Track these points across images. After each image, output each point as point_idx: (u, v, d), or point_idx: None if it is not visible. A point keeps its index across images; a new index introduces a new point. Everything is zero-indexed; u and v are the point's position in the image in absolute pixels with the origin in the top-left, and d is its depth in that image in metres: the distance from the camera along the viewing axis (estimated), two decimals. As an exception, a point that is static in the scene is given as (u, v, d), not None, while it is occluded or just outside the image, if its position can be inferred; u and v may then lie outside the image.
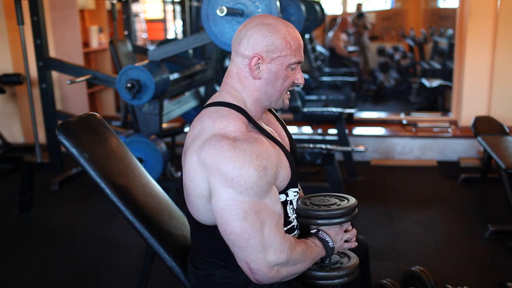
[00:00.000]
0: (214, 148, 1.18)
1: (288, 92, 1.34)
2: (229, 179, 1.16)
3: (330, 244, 1.34)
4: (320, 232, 1.35)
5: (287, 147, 1.40)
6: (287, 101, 1.35)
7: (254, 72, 1.27)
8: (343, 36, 7.90)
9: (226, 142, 1.18)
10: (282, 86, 1.30)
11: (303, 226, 1.43)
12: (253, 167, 1.16)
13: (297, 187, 1.37)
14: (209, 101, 1.34)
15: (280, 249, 1.20)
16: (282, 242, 1.21)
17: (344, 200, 1.42)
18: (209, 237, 1.31)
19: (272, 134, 1.33)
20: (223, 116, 1.24)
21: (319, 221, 1.35)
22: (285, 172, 1.28)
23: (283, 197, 1.32)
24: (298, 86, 1.36)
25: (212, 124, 1.23)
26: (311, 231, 1.38)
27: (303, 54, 1.31)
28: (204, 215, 1.28)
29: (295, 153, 1.45)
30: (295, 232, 1.39)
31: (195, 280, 1.40)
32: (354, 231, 1.43)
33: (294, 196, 1.36)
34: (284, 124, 1.49)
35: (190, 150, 1.24)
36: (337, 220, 1.35)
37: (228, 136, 1.20)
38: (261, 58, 1.26)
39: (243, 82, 1.30)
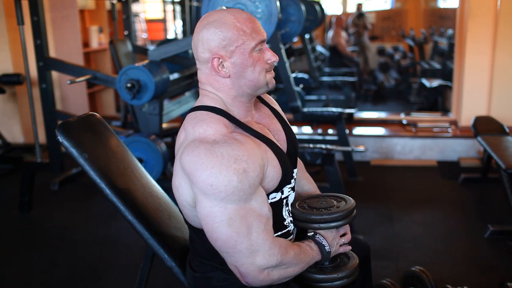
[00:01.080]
0: (192, 155, 1.16)
1: (271, 71, 1.28)
2: (209, 185, 1.14)
3: (327, 248, 1.32)
4: (317, 236, 1.34)
5: (283, 142, 1.35)
6: (273, 81, 1.29)
7: (220, 72, 1.24)
8: (343, 34, 7.90)
9: (203, 148, 1.16)
10: (254, 73, 1.24)
11: (300, 230, 1.42)
12: (232, 171, 1.13)
13: (291, 183, 1.33)
14: (191, 108, 1.33)
15: (269, 253, 1.18)
16: (272, 245, 1.19)
17: (341, 201, 1.39)
18: (204, 240, 1.30)
19: (261, 132, 1.29)
20: (202, 120, 1.22)
21: (317, 225, 1.33)
22: (274, 171, 1.25)
23: (278, 195, 1.29)
24: (274, 63, 1.30)
25: (192, 129, 1.22)
26: (308, 234, 1.36)
27: (263, 32, 1.26)
28: (194, 221, 1.28)
29: (295, 148, 1.39)
30: (291, 236, 1.37)
31: (193, 282, 1.40)
32: (349, 236, 1.40)
33: (288, 192, 1.33)
34: (282, 117, 1.43)
35: (176, 158, 1.24)
36: (336, 224, 1.33)
37: (207, 140, 1.18)
38: (221, 56, 1.22)
39: (215, 85, 1.27)
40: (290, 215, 1.37)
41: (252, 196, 1.18)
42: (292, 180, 1.35)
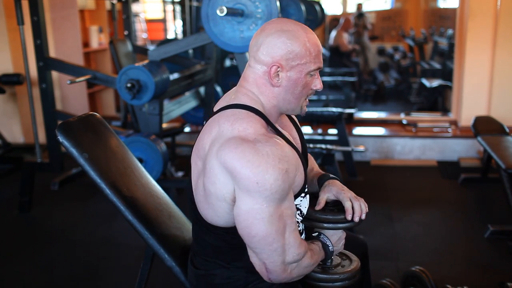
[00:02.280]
0: (235, 152, 1.15)
1: (307, 100, 1.32)
2: (254, 183, 1.14)
3: (330, 248, 1.35)
4: (322, 236, 1.36)
5: (300, 150, 1.38)
6: (305, 108, 1.33)
7: (273, 80, 1.25)
8: (346, 36, 7.91)
9: (247, 146, 1.16)
10: (301, 93, 1.27)
11: (308, 229, 1.43)
12: (277, 170, 1.14)
13: (304, 192, 1.34)
14: (222, 104, 1.32)
15: (297, 251, 1.21)
16: (299, 245, 1.22)
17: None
18: (215, 238, 1.31)
19: (289, 138, 1.31)
20: (241, 119, 1.22)
21: (325, 225, 1.34)
22: (300, 178, 1.27)
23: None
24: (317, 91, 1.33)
25: (230, 126, 1.20)
26: (313, 234, 1.38)
27: (322, 60, 1.29)
28: (220, 216, 1.26)
29: (306, 155, 1.44)
30: (302, 236, 1.38)
31: (195, 280, 1.40)
32: (344, 234, 1.42)
33: (301, 201, 1.34)
34: (297, 124, 1.47)
35: (210, 154, 1.21)
36: (343, 225, 1.34)
37: (248, 138, 1.17)
38: (280, 66, 1.23)
39: (261, 88, 1.28)
40: (301, 216, 1.37)
41: (287, 196, 1.20)
42: (306, 188, 1.36)
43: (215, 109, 1.32)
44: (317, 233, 1.37)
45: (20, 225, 3.25)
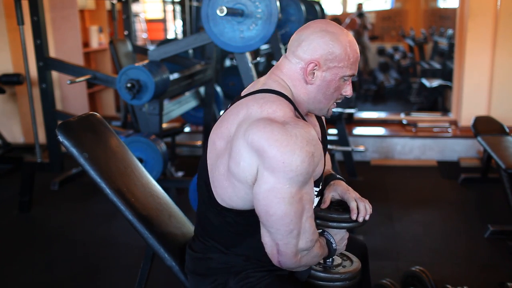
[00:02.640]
0: (264, 131, 1.16)
1: (335, 104, 1.34)
2: (280, 162, 1.14)
3: (334, 245, 1.35)
4: (326, 233, 1.36)
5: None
6: (331, 112, 1.36)
7: (308, 77, 1.27)
8: None
9: (276, 126, 1.16)
10: (331, 96, 1.30)
11: None
12: (304, 153, 1.15)
13: (319, 186, 1.36)
14: (251, 89, 1.32)
15: (310, 238, 1.22)
16: (313, 232, 1.23)
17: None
18: (221, 220, 1.31)
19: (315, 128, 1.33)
20: (271, 102, 1.23)
21: (330, 224, 1.35)
22: (320, 167, 1.28)
23: None
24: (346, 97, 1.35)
25: (259, 108, 1.22)
26: (318, 231, 1.38)
27: (358, 68, 1.31)
28: (235, 198, 1.25)
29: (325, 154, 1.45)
30: None
31: (192, 265, 1.41)
32: (347, 234, 1.43)
33: (314, 193, 1.33)
34: (324, 124, 1.48)
35: (237, 135, 1.21)
36: (347, 225, 1.35)
37: (277, 120, 1.18)
38: (318, 64, 1.26)
39: (294, 82, 1.30)
40: None
41: (310, 180, 1.20)
42: (321, 184, 1.37)
43: (242, 94, 1.33)
44: (321, 230, 1.37)
45: (20, 225, 3.25)
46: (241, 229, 1.30)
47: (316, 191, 1.34)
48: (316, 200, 1.38)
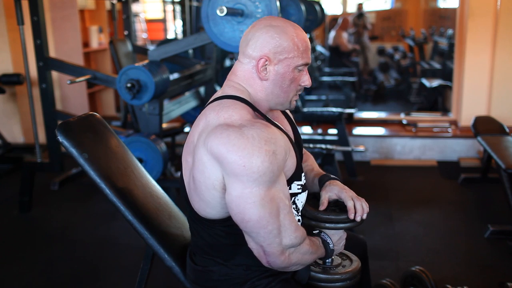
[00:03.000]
0: (220, 137, 1.17)
1: (297, 95, 1.34)
2: (241, 167, 1.15)
3: (331, 246, 1.35)
4: (323, 234, 1.36)
5: (293, 140, 1.39)
6: (294, 103, 1.35)
7: (261, 73, 1.28)
8: (345, 35, 7.91)
9: (232, 130, 1.17)
10: (289, 88, 1.30)
11: (307, 228, 1.43)
12: (264, 152, 1.15)
13: (301, 180, 1.35)
14: (212, 98, 1.34)
15: (294, 234, 1.22)
16: (296, 228, 1.23)
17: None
18: (210, 235, 1.31)
19: (279, 125, 1.33)
20: (227, 107, 1.24)
21: (327, 225, 1.34)
22: (291, 162, 1.27)
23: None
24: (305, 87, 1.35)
25: (216, 115, 1.23)
26: (314, 232, 1.37)
27: (310, 56, 1.31)
28: (212, 208, 1.26)
29: (300, 148, 1.45)
30: None
31: (193, 275, 1.41)
32: (345, 234, 1.42)
33: (298, 189, 1.34)
34: (291, 119, 1.49)
35: (198, 144, 1.23)
36: (344, 225, 1.34)
37: (233, 124, 1.19)
38: (268, 59, 1.26)
39: (249, 82, 1.30)
40: (298, 214, 1.37)
41: (278, 178, 1.20)
42: (302, 177, 1.36)
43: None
44: (317, 231, 1.37)
45: (20, 225, 3.25)
46: (233, 238, 1.29)
47: (299, 185, 1.34)
48: (303, 195, 1.37)
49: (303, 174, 1.37)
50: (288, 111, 1.50)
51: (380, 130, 4.70)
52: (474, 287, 2.32)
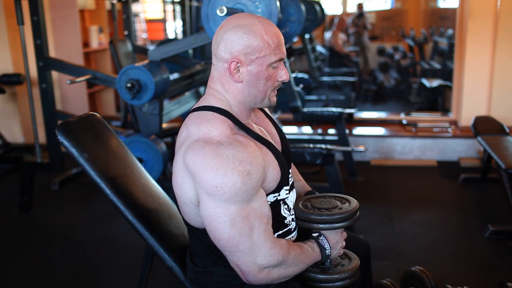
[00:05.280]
0: (197, 155, 1.17)
1: (275, 90, 1.32)
2: (213, 186, 1.15)
3: (327, 251, 1.34)
4: (321, 238, 1.35)
5: (278, 144, 1.38)
6: (274, 99, 1.33)
7: (234, 76, 1.26)
8: (342, 36, 7.90)
9: (209, 149, 1.17)
10: (265, 86, 1.28)
11: (302, 229, 1.42)
12: (237, 173, 1.15)
13: (288, 184, 1.35)
14: (195, 106, 1.34)
15: (270, 253, 1.20)
16: (272, 245, 1.21)
17: (345, 203, 1.40)
18: (202, 239, 1.32)
19: (261, 134, 1.31)
20: (207, 121, 1.23)
21: (321, 226, 1.34)
22: (274, 173, 1.27)
23: (275, 196, 1.30)
24: (283, 82, 1.33)
25: (197, 129, 1.23)
26: (312, 235, 1.37)
27: (284, 50, 1.28)
28: (194, 219, 1.29)
29: (287, 150, 1.43)
30: (292, 234, 1.38)
31: (193, 276, 1.41)
32: (345, 235, 1.41)
33: (286, 194, 1.34)
34: (274, 121, 1.47)
35: (177, 156, 1.24)
36: (339, 225, 1.34)
37: (212, 141, 1.19)
38: (239, 61, 1.24)
39: (225, 86, 1.29)
40: (291, 214, 1.37)
41: (254, 197, 1.20)
42: (290, 181, 1.36)
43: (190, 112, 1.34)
44: (316, 234, 1.36)
45: (20, 225, 3.25)
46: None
47: (287, 189, 1.33)
48: (292, 194, 1.37)
49: (290, 176, 1.36)
50: (268, 112, 1.49)
51: (380, 130, 4.70)
52: (474, 287, 2.32)
